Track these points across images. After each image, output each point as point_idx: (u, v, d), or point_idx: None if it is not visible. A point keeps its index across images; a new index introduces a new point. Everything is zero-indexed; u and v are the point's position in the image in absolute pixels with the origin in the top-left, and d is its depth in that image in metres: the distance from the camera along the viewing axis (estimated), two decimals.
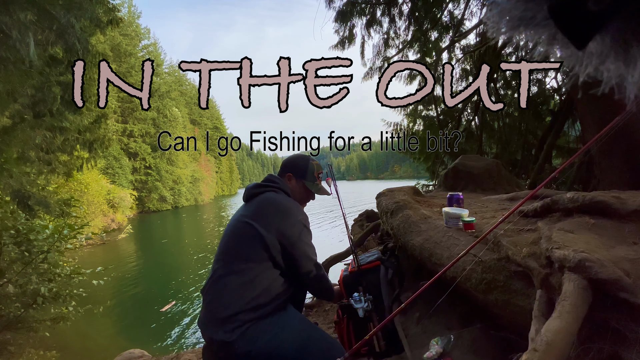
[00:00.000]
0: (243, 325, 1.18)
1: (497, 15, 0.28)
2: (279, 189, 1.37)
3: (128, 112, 34.52)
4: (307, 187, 1.44)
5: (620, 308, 0.83)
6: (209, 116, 56.37)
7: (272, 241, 1.22)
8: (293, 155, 1.51)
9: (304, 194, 1.46)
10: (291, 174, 1.45)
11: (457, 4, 5.72)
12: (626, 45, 0.25)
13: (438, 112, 6.25)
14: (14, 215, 3.89)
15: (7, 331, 3.81)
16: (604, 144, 2.67)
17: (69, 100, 5.20)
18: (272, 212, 1.27)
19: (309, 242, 1.30)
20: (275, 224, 1.24)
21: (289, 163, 1.47)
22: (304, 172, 1.44)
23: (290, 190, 1.42)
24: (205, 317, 1.24)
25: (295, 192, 1.44)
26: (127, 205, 23.31)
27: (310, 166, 1.45)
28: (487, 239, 1.32)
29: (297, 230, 1.26)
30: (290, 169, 1.45)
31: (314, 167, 1.46)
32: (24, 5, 3.17)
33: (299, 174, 1.44)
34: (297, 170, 1.44)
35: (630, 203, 1.19)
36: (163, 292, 8.71)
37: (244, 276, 1.21)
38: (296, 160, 1.48)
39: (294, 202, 1.35)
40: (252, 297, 1.19)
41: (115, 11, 5.70)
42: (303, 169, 1.44)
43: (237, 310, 1.18)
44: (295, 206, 1.32)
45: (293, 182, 1.44)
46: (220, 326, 1.18)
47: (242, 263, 1.23)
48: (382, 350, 1.59)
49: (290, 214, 1.28)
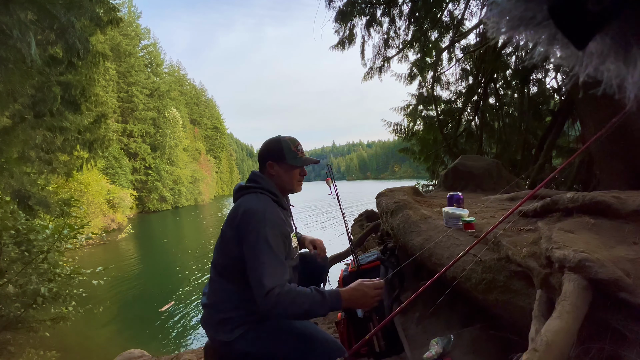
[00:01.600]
0: (241, 325, 1.20)
1: (497, 15, 0.29)
2: (260, 189, 1.30)
3: (128, 112, 34.52)
4: (291, 164, 1.34)
5: (620, 308, 0.83)
6: (209, 116, 56.39)
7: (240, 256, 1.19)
8: (264, 143, 1.40)
9: (291, 174, 1.36)
10: (271, 161, 1.35)
11: (457, 4, 5.72)
12: (626, 45, 0.25)
13: (438, 112, 6.24)
14: (14, 215, 3.88)
15: (7, 331, 3.81)
16: (603, 144, 2.67)
17: (70, 100, 5.21)
18: (240, 220, 1.21)
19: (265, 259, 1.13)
20: (241, 233, 1.19)
21: (263, 151, 1.38)
22: (280, 154, 1.34)
23: (277, 178, 1.35)
24: (205, 318, 1.27)
25: (282, 177, 1.35)
26: (127, 205, 23.32)
27: (284, 144, 1.35)
28: (487, 239, 1.32)
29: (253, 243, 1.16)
30: (268, 156, 1.36)
31: (289, 142, 1.36)
32: (24, 5, 3.17)
33: (277, 157, 1.34)
34: (275, 154, 1.35)
35: (630, 203, 1.19)
36: (163, 292, 8.71)
37: (234, 279, 1.23)
38: (269, 145, 1.37)
39: (263, 210, 1.21)
40: (245, 299, 1.19)
41: (115, 11, 5.71)
42: (279, 151, 1.34)
43: (232, 313, 1.21)
44: (261, 217, 1.18)
45: (276, 168, 1.35)
46: (219, 327, 1.21)
47: (230, 267, 1.24)
48: (382, 350, 1.59)
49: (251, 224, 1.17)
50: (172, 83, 43.17)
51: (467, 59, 6.37)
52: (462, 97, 6.49)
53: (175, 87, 44.34)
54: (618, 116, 1.18)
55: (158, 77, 38.96)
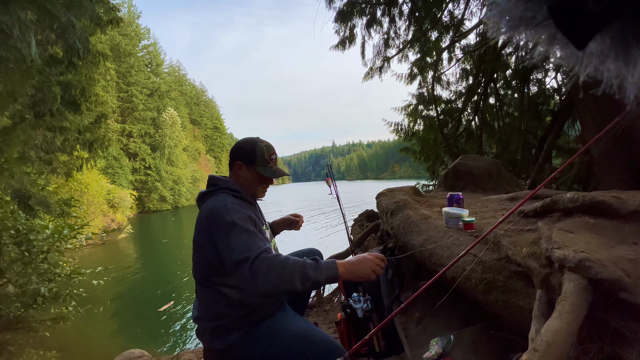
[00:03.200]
0: (234, 331, 1.17)
1: (497, 15, 0.28)
2: (220, 189, 1.24)
3: (127, 112, 34.52)
4: (260, 172, 1.28)
5: (620, 308, 0.83)
6: (209, 116, 56.38)
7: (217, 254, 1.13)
8: (240, 141, 1.34)
9: (257, 180, 1.30)
10: (240, 161, 1.29)
11: (457, 4, 5.72)
12: (626, 45, 0.25)
13: (438, 112, 6.24)
14: (14, 215, 3.88)
15: (7, 331, 3.81)
16: (603, 144, 2.67)
17: (70, 100, 5.21)
18: (207, 221, 1.16)
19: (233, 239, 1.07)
20: (212, 233, 1.13)
21: (235, 150, 1.31)
22: (252, 158, 1.28)
23: (243, 179, 1.29)
24: (199, 330, 1.25)
25: (248, 181, 1.29)
26: (127, 205, 23.34)
27: (259, 149, 1.28)
28: (487, 239, 1.32)
29: (223, 234, 1.10)
30: (239, 156, 1.29)
31: (263, 149, 1.29)
32: (24, 5, 3.17)
33: (247, 160, 1.28)
34: (245, 157, 1.28)
35: (630, 203, 1.19)
36: (163, 292, 8.71)
37: (216, 287, 1.18)
38: (243, 145, 1.30)
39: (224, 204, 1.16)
40: (231, 305, 1.17)
41: (115, 11, 5.71)
42: (251, 154, 1.28)
43: (221, 320, 1.18)
44: (223, 209, 1.14)
45: (244, 169, 1.29)
46: (212, 337, 1.19)
47: (209, 275, 1.19)
48: (382, 350, 1.59)
49: (217, 219, 1.13)
50: (172, 83, 43.18)
51: (467, 59, 6.38)
52: (462, 97, 6.49)
53: (175, 87, 44.35)
54: (621, 117, 1.17)
55: (158, 77, 38.98)
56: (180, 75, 50.39)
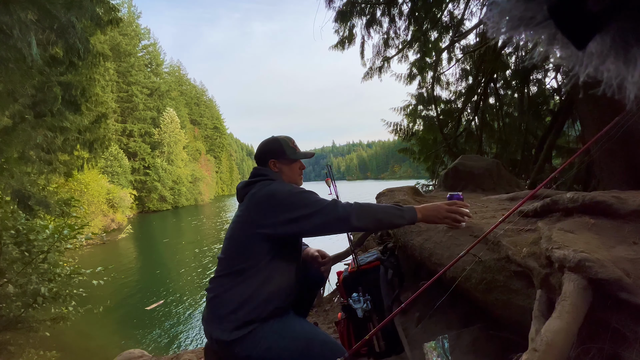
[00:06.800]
0: (242, 326, 1.19)
1: (497, 15, 0.29)
2: (269, 179, 1.35)
3: (128, 112, 34.53)
4: (292, 158, 1.42)
5: (620, 308, 0.83)
6: (209, 116, 56.41)
7: (271, 234, 1.22)
8: (262, 144, 1.47)
9: (294, 169, 1.44)
10: (273, 159, 1.41)
11: (457, 4, 5.72)
12: (626, 45, 0.25)
13: (438, 112, 6.24)
14: (14, 215, 3.89)
15: (7, 331, 3.81)
16: (603, 144, 2.66)
17: (70, 100, 5.21)
18: (265, 206, 1.24)
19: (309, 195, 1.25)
20: (272, 216, 1.22)
21: (262, 153, 1.44)
22: (282, 151, 1.41)
23: (281, 174, 1.41)
24: (207, 314, 1.27)
25: (286, 173, 1.42)
26: (127, 205, 23.35)
27: (283, 141, 1.43)
28: (487, 239, 1.32)
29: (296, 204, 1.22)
30: (270, 155, 1.42)
31: (287, 140, 1.44)
32: (25, 5, 3.17)
33: (279, 155, 1.41)
34: (275, 153, 1.42)
35: (630, 203, 1.19)
36: (164, 292, 8.72)
37: (241, 275, 1.22)
38: (268, 144, 1.44)
39: (282, 183, 1.33)
40: (250, 295, 1.20)
41: (115, 11, 5.71)
42: (280, 149, 1.41)
43: (235, 307, 1.19)
44: (283, 187, 1.28)
45: (279, 165, 1.41)
46: (219, 324, 1.20)
47: (240, 263, 1.24)
48: (382, 350, 1.59)
49: (282, 197, 1.24)
50: (172, 83, 43.18)
51: (467, 59, 6.37)
52: (462, 97, 6.48)
53: (175, 87, 44.35)
54: (621, 117, 1.17)
55: (158, 77, 38.98)
56: (180, 75, 50.44)
